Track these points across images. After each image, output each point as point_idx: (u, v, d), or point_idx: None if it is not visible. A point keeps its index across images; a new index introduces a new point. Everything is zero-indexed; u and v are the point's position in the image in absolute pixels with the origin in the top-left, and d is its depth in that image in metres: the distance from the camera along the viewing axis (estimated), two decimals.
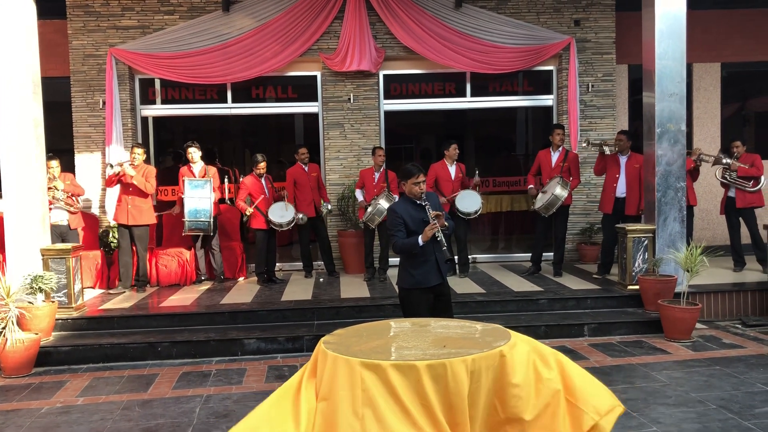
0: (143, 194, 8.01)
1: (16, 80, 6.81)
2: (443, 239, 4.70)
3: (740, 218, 8.50)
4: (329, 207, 8.75)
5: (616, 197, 8.07)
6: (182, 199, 8.30)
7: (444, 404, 2.97)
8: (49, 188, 7.60)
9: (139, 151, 8.02)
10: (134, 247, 8.14)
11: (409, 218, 4.76)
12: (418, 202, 4.80)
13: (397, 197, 8.19)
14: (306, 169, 8.66)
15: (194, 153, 8.47)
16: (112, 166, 7.95)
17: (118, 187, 8.11)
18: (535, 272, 8.56)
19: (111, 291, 8.12)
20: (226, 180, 9.25)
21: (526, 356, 3.23)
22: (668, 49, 7.37)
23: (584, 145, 8.55)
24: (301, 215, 8.42)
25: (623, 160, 8.12)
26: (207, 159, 8.99)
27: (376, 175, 8.46)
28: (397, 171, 9.15)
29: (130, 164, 7.93)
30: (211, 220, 8.19)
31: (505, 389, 3.13)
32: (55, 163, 7.87)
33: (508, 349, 3.19)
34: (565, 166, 8.24)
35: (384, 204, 8.06)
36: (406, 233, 4.76)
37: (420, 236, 4.68)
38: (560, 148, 8.34)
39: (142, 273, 8.17)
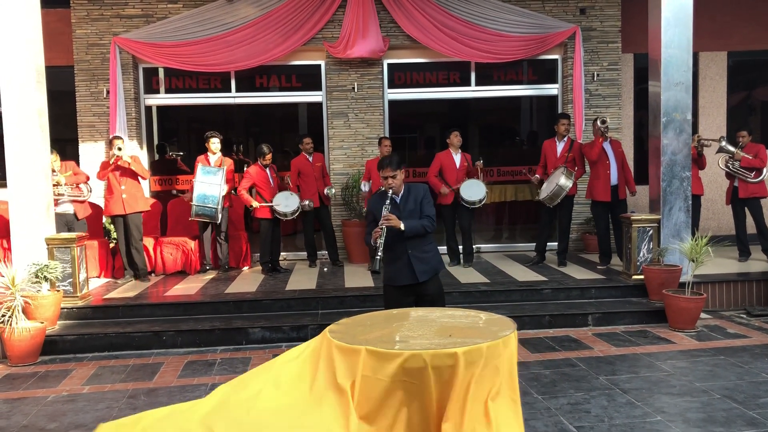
0: (136, 181, 8.02)
1: (19, 70, 6.80)
2: (381, 246, 4.38)
3: (746, 208, 8.48)
4: (332, 190, 8.71)
5: (611, 185, 8.07)
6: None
7: (447, 393, 2.98)
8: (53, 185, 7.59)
9: (120, 142, 7.99)
10: (130, 237, 8.03)
11: (377, 212, 4.56)
12: (390, 195, 4.55)
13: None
14: (310, 159, 8.65)
15: (216, 143, 8.46)
16: (120, 149, 7.89)
17: (105, 181, 8.08)
18: (540, 262, 8.55)
19: (119, 281, 8.13)
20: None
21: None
22: (674, 38, 7.33)
23: (599, 123, 8.14)
24: (307, 201, 8.42)
25: (607, 146, 8.12)
26: (225, 150, 8.95)
27: None
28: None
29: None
30: (219, 207, 8.14)
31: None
32: (52, 157, 7.80)
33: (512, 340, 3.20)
34: (570, 156, 8.22)
35: None
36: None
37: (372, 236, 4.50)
38: (565, 138, 8.32)
39: (141, 263, 8.16)
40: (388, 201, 4.50)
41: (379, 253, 4.40)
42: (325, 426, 3.02)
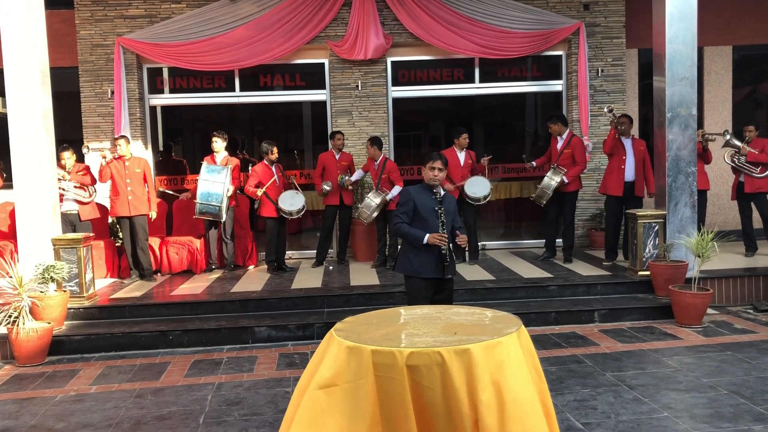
0: (142, 184, 8.04)
1: (24, 71, 6.82)
2: (447, 255, 4.71)
3: (752, 203, 8.45)
4: (345, 178, 8.58)
5: (625, 181, 8.03)
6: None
7: (459, 392, 2.98)
8: (58, 179, 7.62)
9: (122, 141, 8.02)
10: (136, 238, 8.09)
11: (420, 203, 4.76)
12: (435, 190, 4.80)
13: (388, 193, 8.20)
14: (337, 156, 8.68)
15: (216, 142, 8.46)
16: (88, 148, 8.04)
17: (109, 182, 8.11)
18: (550, 257, 8.55)
19: (125, 281, 8.16)
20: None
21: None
22: (679, 33, 7.30)
23: (605, 110, 8.25)
24: (327, 186, 8.45)
25: (628, 143, 8.09)
26: (230, 149, 8.96)
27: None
28: (404, 160, 9.19)
29: (111, 154, 8.03)
30: (223, 205, 8.15)
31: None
32: (68, 154, 7.85)
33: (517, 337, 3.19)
34: (568, 152, 8.20)
35: (372, 199, 8.10)
36: (413, 218, 4.77)
37: (428, 235, 4.67)
38: (566, 133, 8.30)
39: (145, 264, 8.17)
40: (440, 208, 4.76)
41: (448, 259, 4.74)
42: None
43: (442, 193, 4.86)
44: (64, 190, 7.71)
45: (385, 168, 8.41)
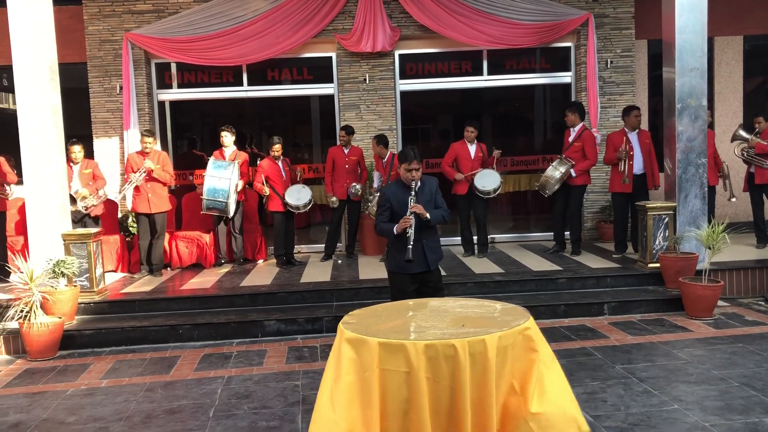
0: (161, 181, 8.06)
1: (33, 67, 6.85)
2: (412, 235, 4.57)
3: (763, 194, 8.38)
4: (357, 187, 8.60)
5: (634, 174, 7.97)
6: None
7: (466, 383, 2.98)
8: (76, 194, 7.74)
9: (150, 139, 8.04)
10: (154, 234, 8.15)
11: (396, 201, 4.75)
12: (410, 185, 4.73)
13: None
14: (346, 151, 8.68)
15: (226, 137, 8.48)
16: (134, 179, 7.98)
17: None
18: (560, 251, 8.52)
19: (135, 276, 8.20)
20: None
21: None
22: (689, 23, 7.23)
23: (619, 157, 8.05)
24: (333, 198, 8.45)
25: (634, 136, 8.03)
26: (239, 144, 8.97)
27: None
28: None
29: (139, 154, 8.07)
30: (230, 201, 8.16)
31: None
32: (77, 148, 7.90)
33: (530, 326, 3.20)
34: (578, 145, 8.16)
35: None
36: (391, 215, 4.77)
37: (396, 226, 4.67)
38: (579, 126, 8.25)
39: (156, 260, 8.20)
40: (414, 192, 4.68)
41: (411, 243, 4.57)
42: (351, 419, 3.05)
43: (419, 184, 4.74)
44: (82, 198, 7.79)
45: (394, 164, 8.39)
